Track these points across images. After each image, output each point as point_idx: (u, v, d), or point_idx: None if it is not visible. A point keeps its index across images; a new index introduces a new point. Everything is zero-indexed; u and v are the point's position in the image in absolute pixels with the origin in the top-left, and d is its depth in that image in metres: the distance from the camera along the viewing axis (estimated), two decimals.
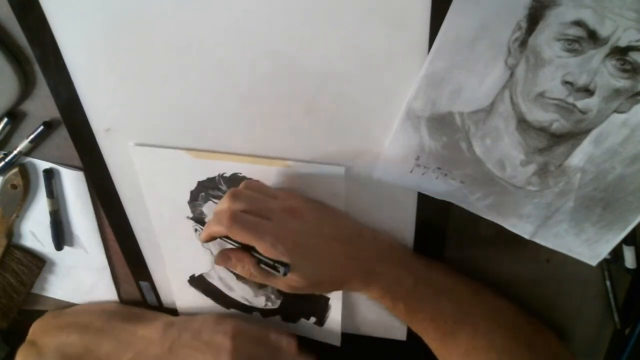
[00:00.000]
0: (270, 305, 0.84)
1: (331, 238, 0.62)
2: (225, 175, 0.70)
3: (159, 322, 0.84)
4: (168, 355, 0.81)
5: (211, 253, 0.79)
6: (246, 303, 0.85)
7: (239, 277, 0.81)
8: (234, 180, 0.70)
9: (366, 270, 0.64)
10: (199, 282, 0.85)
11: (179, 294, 0.88)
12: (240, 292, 0.84)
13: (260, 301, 0.84)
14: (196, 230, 0.78)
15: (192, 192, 0.73)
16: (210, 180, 0.71)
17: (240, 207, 0.59)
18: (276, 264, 0.58)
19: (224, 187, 0.71)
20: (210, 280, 0.84)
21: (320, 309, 0.81)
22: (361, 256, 0.63)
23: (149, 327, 0.84)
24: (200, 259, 0.81)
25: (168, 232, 0.80)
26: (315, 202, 0.66)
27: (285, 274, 0.57)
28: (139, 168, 0.73)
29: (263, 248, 0.58)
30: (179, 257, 0.83)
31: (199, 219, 0.76)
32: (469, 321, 0.65)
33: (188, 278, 0.85)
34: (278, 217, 0.59)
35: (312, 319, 0.83)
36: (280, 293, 0.81)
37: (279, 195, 0.64)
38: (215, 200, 0.73)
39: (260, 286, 0.81)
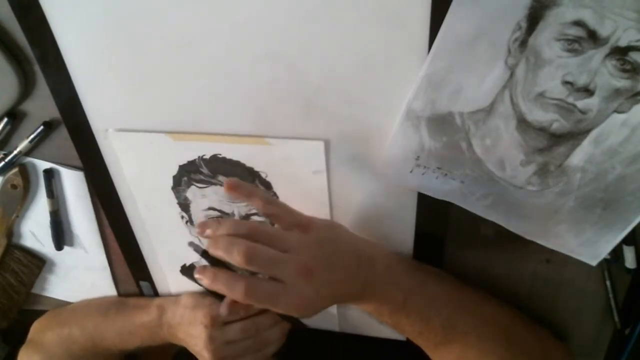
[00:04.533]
0: None
1: (337, 282, 0.60)
2: (205, 157, 0.69)
3: (153, 309, 0.84)
4: (169, 338, 0.82)
5: (199, 241, 0.78)
6: None
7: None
8: (214, 162, 0.69)
9: (356, 296, 0.64)
10: (190, 272, 0.84)
11: (174, 285, 0.87)
12: None
13: None
14: (182, 217, 0.77)
15: (174, 177, 0.73)
16: (191, 163, 0.70)
17: (253, 269, 0.56)
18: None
19: (204, 170, 0.70)
20: None
21: None
22: (354, 287, 0.62)
23: (145, 315, 0.84)
24: (189, 248, 0.80)
25: (156, 221, 0.79)
26: (327, 245, 0.61)
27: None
28: (120, 154, 0.72)
29: (277, 310, 0.57)
30: (169, 247, 0.83)
31: (184, 205, 0.76)
32: (460, 332, 0.65)
33: (180, 268, 0.85)
34: (292, 281, 0.56)
35: None
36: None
37: (290, 247, 0.58)
38: (198, 185, 0.72)
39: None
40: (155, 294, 0.89)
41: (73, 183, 0.77)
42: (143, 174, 0.74)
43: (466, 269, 0.70)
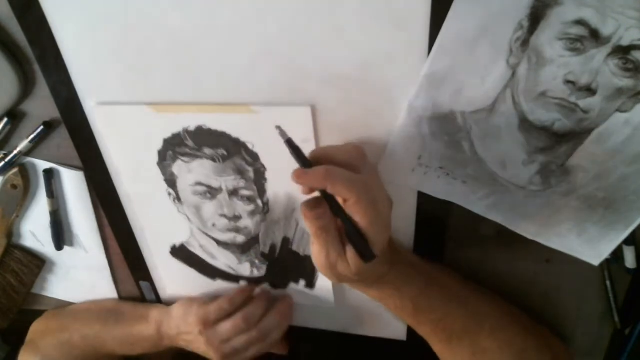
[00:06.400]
0: (256, 273, 0.82)
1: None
2: (189, 129, 0.67)
3: (152, 323, 0.84)
4: (172, 345, 0.83)
5: (188, 219, 0.78)
6: (231, 272, 0.83)
7: (220, 243, 0.79)
8: (199, 134, 0.67)
9: (382, 273, 0.62)
10: (181, 253, 0.83)
11: (164, 268, 0.86)
12: (224, 259, 0.82)
13: (245, 268, 0.82)
14: (169, 194, 0.76)
15: (159, 152, 0.71)
16: (176, 136, 0.69)
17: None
18: (366, 248, 0.55)
19: (190, 143, 0.69)
20: (191, 249, 0.82)
21: (308, 271, 0.79)
22: (382, 263, 0.61)
23: (144, 328, 0.84)
24: (178, 226, 0.79)
25: (143, 200, 0.78)
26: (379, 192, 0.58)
27: (367, 260, 0.55)
28: (104, 130, 0.70)
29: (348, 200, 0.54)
30: (158, 227, 0.81)
31: (171, 181, 0.74)
32: (477, 322, 0.65)
33: (170, 249, 0.83)
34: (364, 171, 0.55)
35: (302, 282, 0.81)
36: (265, 258, 0.79)
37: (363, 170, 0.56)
38: (184, 159, 0.71)
39: (244, 252, 0.79)
40: (155, 294, 0.89)
41: (73, 183, 0.77)
42: (128, 149, 0.72)
43: (466, 269, 0.70)
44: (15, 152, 0.74)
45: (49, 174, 0.76)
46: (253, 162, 0.68)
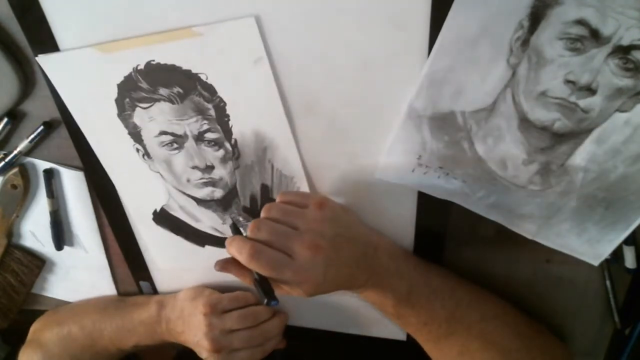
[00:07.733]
0: (243, 232, 0.76)
1: (343, 265, 0.61)
2: (140, 68, 0.64)
3: (152, 305, 0.84)
4: (167, 334, 0.82)
5: (161, 177, 0.75)
6: (218, 234, 0.80)
7: (199, 202, 0.77)
8: (150, 71, 0.64)
9: (360, 284, 0.64)
10: (163, 218, 0.80)
11: (148, 240, 0.84)
12: (208, 221, 0.79)
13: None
14: (138, 150, 0.73)
15: (117, 102, 0.68)
16: (128, 79, 0.65)
17: (261, 238, 0.59)
18: (265, 295, 0.58)
19: (143, 85, 0.66)
20: (173, 212, 0.79)
21: None
22: (359, 275, 0.63)
23: (143, 311, 0.84)
24: (154, 188, 0.76)
25: (114, 164, 0.75)
26: (338, 226, 0.62)
27: (268, 305, 0.58)
28: (57, 84, 0.68)
29: (283, 283, 0.59)
30: (135, 193, 0.78)
31: (135, 134, 0.71)
32: (464, 324, 0.65)
33: (152, 217, 0.80)
34: (300, 255, 0.58)
35: None
36: (248, 214, 0.77)
37: (302, 222, 0.60)
38: (142, 105, 0.68)
39: (225, 209, 0.77)
40: (155, 293, 0.89)
41: (73, 183, 0.77)
42: (84, 106, 0.69)
43: (466, 269, 0.70)
44: (15, 152, 0.74)
45: (49, 174, 0.76)
46: (211, 97, 0.65)
